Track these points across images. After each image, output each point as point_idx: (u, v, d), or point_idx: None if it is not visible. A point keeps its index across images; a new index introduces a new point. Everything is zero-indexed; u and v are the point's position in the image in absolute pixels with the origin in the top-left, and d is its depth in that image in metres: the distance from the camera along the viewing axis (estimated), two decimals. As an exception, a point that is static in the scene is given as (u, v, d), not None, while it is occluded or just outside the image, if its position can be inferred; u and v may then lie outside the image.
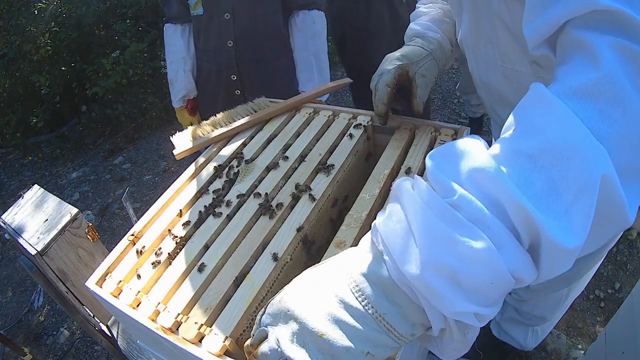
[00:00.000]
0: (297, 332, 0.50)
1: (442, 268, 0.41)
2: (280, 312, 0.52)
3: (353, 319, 0.47)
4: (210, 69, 1.84)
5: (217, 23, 1.72)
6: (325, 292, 0.49)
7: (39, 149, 4.17)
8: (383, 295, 0.47)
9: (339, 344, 0.47)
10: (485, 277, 0.42)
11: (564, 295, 1.54)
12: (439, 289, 0.42)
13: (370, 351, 0.47)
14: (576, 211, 0.41)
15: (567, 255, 0.42)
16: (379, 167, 0.97)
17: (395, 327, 0.47)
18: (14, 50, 4.07)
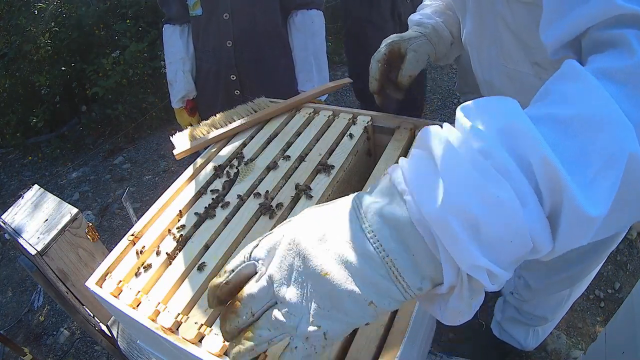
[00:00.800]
0: (297, 270, 0.45)
1: (466, 214, 0.39)
2: (279, 242, 0.48)
3: (362, 261, 0.43)
4: (210, 70, 1.84)
5: (215, 23, 1.72)
6: (334, 231, 0.46)
7: (39, 149, 4.17)
8: (398, 239, 0.43)
9: (343, 286, 0.43)
10: (506, 232, 0.40)
11: (565, 296, 1.54)
12: (460, 235, 0.39)
13: (375, 300, 0.44)
14: (602, 182, 0.40)
15: (588, 224, 0.40)
16: (379, 167, 0.97)
17: (405, 276, 0.43)
18: (14, 50, 4.07)
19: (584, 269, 1.38)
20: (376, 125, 1.13)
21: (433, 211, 0.40)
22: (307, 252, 0.45)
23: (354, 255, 0.44)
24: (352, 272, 0.44)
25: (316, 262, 0.45)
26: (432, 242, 0.42)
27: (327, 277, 0.44)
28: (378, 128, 1.13)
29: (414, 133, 1.06)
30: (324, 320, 0.45)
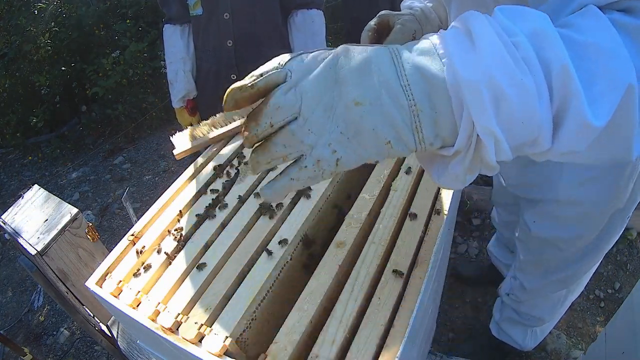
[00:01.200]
0: (331, 92, 0.47)
1: (495, 86, 0.44)
2: (319, 61, 0.49)
3: (392, 105, 0.47)
4: (210, 69, 1.84)
5: (216, 23, 1.72)
6: (372, 70, 0.47)
7: (39, 149, 4.17)
8: (428, 96, 0.47)
9: (370, 120, 0.46)
10: (521, 112, 0.45)
11: (562, 297, 1.54)
12: (485, 100, 0.44)
13: (392, 142, 0.48)
14: (604, 99, 0.46)
15: (589, 131, 0.46)
16: (379, 167, 0.97)
17: (424, 129, 0.48)
18: (14, 50, 4.07)
19: (578, 270, 1.38)
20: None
21: (468, 76, 0.45)
22: (346, 79, 0.47)
23: (387, 98, 0.47)
24: (381, 111, 0.47)
25: (352, 91, 0.47)
26: (457, 105, 0.47)
27: (358, 107, 0.47)
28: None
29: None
30: (341, 147, 0.48)
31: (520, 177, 1.28)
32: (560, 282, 1.44)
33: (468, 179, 0.51)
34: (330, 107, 0.48)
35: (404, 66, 0.47)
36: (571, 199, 1.17)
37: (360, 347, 0.66)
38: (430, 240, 0.81)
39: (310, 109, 0.48)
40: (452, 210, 0.92)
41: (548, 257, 1.35)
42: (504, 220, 1.76)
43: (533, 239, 1.36)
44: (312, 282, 0.77)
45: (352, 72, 0.48)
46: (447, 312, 2.12)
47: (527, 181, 1.26)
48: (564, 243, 1.28)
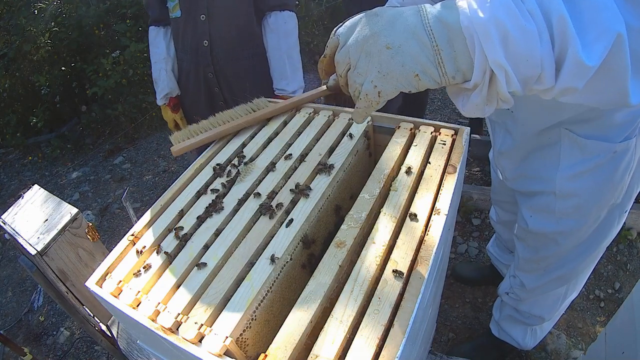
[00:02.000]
0: (367, 42, 0.63)
1: (501, 25, 0.56)
2: (358, 23, 0.66)
3: (417, 46, 0.61)
4: (189, 69, 1.91)
5: (193, 24, 1.79)
6: (402, 21, 0.62)
7: (39, 149, 4.17)
8: (447, 37, 0.60)
9: (399, 58, 0.61)
10: (525, 50, 0.57)
11: (561, 295, 1.54)
12: (494, 37, 0.56)
13: (419, 74, 0.62)
14: (596, 43, 0.55)
15: (585, 70, 0.56)
16: (379, 167, 0.97)
17: (446, 64, 0.61)
18: (14, 50, 4.07)
19: (577, 266, 1.38)
20: (376, 125, 1.13)
21: (480, 20, 0.57)
22: (379, 30, 0.63)
23: (413, 41, 0.61)
24: (408, 52, 0.61)
25: (384, 38, 0.62)
26: (471, 44, 0.59)
27: (389, 50, 0.62)
28: (378, 128, 1.13)
29: (414, 133, 1.06)
30: (380, 82, 0.64)
31: (518, 169, 1.28)
32: (560, 280, 1.44)
33: (487, 109, 0.64)
34: (369, 53, 0.63)
35: (428, 17, 0.61)
36: (567, 190, 1.17)
37: (360, 347, 0.66)
38: (430, 240, 0.81)
39: (355, 58, 0.65)
40: (452, 210, 0.92)
41: (547, 254, 1.36)
42: (502, 219, 1.77)
43: (531, 235, 1.36)
44: (312, 282, 0.77)
45: (384, 24, 0.63)
46: (447, 312, 2.13)
47: (525, 173, 1.26)
48: (561, 237, 1.28)
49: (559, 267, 1.39)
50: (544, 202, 1.24)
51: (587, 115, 1.04)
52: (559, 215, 1.23)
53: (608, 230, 1.29)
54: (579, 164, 1.12)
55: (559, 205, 1.21)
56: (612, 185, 1.14)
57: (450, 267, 2.25)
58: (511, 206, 1.63)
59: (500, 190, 1.64)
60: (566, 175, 1.15)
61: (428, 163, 0.96)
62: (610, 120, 1.03)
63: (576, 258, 1.36)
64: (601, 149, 1.07)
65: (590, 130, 1.06)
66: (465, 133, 1.02)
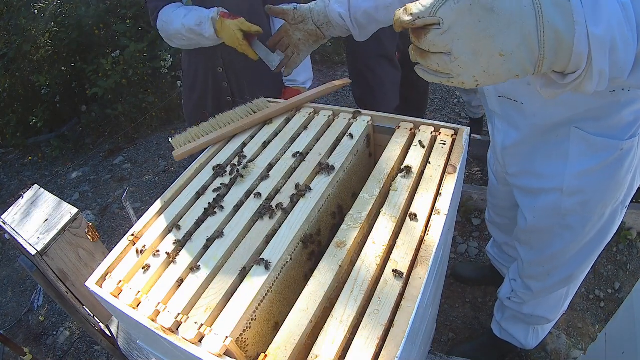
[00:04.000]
0: (480, 43, 0.63)
1: (613, 37, 0.60)
2: (468, 13, 0.62)
3: (527, 55, 0.63)
4: (198, 64, 1.90)
5: None
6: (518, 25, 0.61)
7: (39, 149, 4.17)
8: (555, 47, 0.62)
9: (508, 65, 0.64)
10: (623, 56, 0.62)
11: (563, 294, 1.54)
12: (605, 50, 0.60)
13: (520, 74, 0.65)
14: None
15: None
16: (379, 167, 0.97)
17: (544, 66, 0.64)
18: (14, 50, 4.07)
19: (580, 266, 1.39)
20: (376, 125, 1.13)
21: (597, 32, 0.60)
22: (494, 34, 0.62)
23: (524, 47, 0.62)
24: (518, 59, 0.63)
25: (499, 44, 0.62)
26: (578, 55, 0.61)
27: (501, 58, 0.64)
28: (378, 128, 1.13)
29: (414, 133, 1.06)
30: (482, 78, 0.66)
31: (523, 164, 1.28)
32: (565, 281, 1.45)
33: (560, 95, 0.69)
34: (478, 52, 0.64)
35: (544, 24, 0.61)
36: (575, 187, 1.19)
37: (361, 347, 0.66)
38: (430, 240, 0.81)
39: (460, 52, 0.64)
40: (452, 210, 0.92)
41: (552, 251, 1.36)
42: (495, 221, 1.77)
43: (535, 235, 1.36)
44: (312, 282, 0.77)
45: (501, 26, 0.62)
46: (447, 312, 2.12)
47: (530, 169, 1.26)
48: (567, 232, 1.29)
49: (563, 269, 1.39)
50: (550, 200, 1.25)
51: (596, 113, 1.05)
52: (564, 212, 1.24)
53: (610, 227, 1.30)
54: (588, 162, 1.13)
55: (565, 202, 1.22)
56: (617, 182, 1.16)
57: (450, 267, 2.25)
58: (506, 211, 1.63)
59: (496, 194, 1.63)
60: (574, 172, 1.16)
61: (428, 163, 0.96)
62: (618, 118, 1.05)
63: (580, 258, 1.36)
64: (609, 146, 1.09)
65: (600, 128, 1.08)
66: (465, 133, 1.02)
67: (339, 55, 4.30)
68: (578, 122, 1.10)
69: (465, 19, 0.62)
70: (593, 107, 1.04)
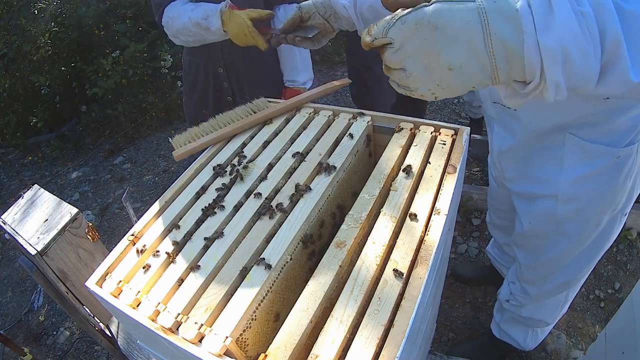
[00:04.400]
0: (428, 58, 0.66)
1: (566, 49, 0.59)
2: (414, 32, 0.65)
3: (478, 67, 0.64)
4: (199, 63, 1.90)
5: None
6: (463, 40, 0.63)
7: (39, 149, 4.17)
8: (506, 59, 0.62)
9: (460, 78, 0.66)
10: (580, 68, 0.61)
11: (562, 299, 1.54)
12: (558, 61, 0.59)
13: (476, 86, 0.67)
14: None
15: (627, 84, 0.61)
16: (379, 167, 0.97)
17: (500, 77, 0.65)
18: (14, 50, 4.07)
19: (578, 273, 1.39)
20: (376, 125, 1.13)
21: (548, 44, 0.59)
22: (439, 49, 0.64)
23: (474, 61, 0.64)
24: (469, 71, 0.65)
25: (446, 59, 0.64)
26: (531, 66, 0.61)
27: (451, 72, 0.66)
28: (378, 128, 1.13)
29: (414, 133, 1.06)
30: (438, 91, 0.70)
31: (519, 169, 1.27)
32: (563, 286, 1.44)
33: (525, 104, 0.69)
34: (429, 68, 0.67)
35: (491, 37, 0.61)
36: (570, 194, 1.17)
37: (361, 347, 0.66)
38: (430, 240, 0.81)
39: (413, 68, 0.68)
40: (452, 210, 0.92)
41: (548, 257, 1.35)
42: (497, 223, 1.77)
43: (531, 240, 1.36)
44: (312, 282, 0.77)
45: (445, 42, 0.64)
46: (447, 312, 2.13)
47: (526, 174, 1.26)
48: (562, 239, 1.28)
49: (560, 275, 1.39)
50: (545, 206, 1.24)
51: (591, 119, 1.03)
52: (559, 218, 1.23)
53: (609, 235, 1.29)
54: (583, 168, 1.12)
55: (561, 209, 1.20)
56: (614, 190, 1.14)
57: (450, 267, 2.25)
58: (506, 214, 1.62)
59: (496, 197, 1.63)
60: (569, 179, 1.15)
61: (428, 163, 0.96)
62: (614, 125, 1.03)
63: (578, 265, 1.35)
64: (605, 153, 1.07)
65: (595, 135, 1.06)
66: (465, 133, 1.02)
67: (339, 55, 4.30)
68: (572, 128, 1.08)
69: (413, 37, 0.65)
70: (586, 113, 1.02)
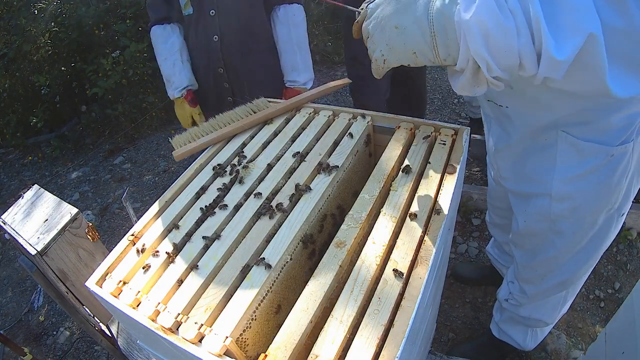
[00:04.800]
0: (383, 20, 0.79)
1: (483, 24, 0.67)
2: (384, 1, 0.80)
3: (419, 31, 0.75)
4: (199, 64, 1.91)
5: (203, 20, 1.81)
6: (412, 9, 0.75)
7: (39, 149, 4.17)
8: (443, 27, 0.73)
9: (402, 37, 0.77)
10: (503, 44, 0.67)
11: (562, 299, 1.54)
12: (476, 34, 0.67)
13: (417, 53, 0.77)
14: (568, 40, 0.65)
15: (555, 63, 0.67)
16: (379, 167, 0.97)
17: (439, 48, 0.75)
18: (14, 50, 4.07)
19: (576, 272, 1.38)
20: (376, 125, 1.13)
21: (466, 18, 0.68)
22: (394, 11, 0.78)
23: (416, 26, 0.75)
24: (411, 33, 0.76)
25: (395, 19, 0.77)
26: (460, 37, 0.70)
27: (396, 30, 0.77)
28: (378, 128, 1.13)
29: (414, 133, 1.06)
30: (386, 53, 0.81)
31: (513, 168, 1.27)
32: (560, 285, 1.44)
33: (476, 90, 0.77)
34: (383, 29, 0.80)
35: (433, 8, 0.73)
36: (563, 193, 1.16)
37: (361, 347, 0.66)
38: (430, 240, 0.81)
39: (373, 31, 0.82)
40: (452, 210, 0.92)
41: (545, 257, 1.35)
42: (496, 222, 1.77)
43: (527, 238, 1.36)
44: (312, 282, 0.77)
45: (400, 7, 0.77)
46: (447, 312, 2.13)
47: (521, 173, 1.25)
48: (557, 238, 1.28)
49: (558, 273, 1.38)
50: (540, 205, 1.23)
51: (583, 117, 1.02)
52: (554, 217, 1.22)
53: (606, 235, 1.28)
54: (576, 167, 1.11)
55: (555, 207, 1.20)
56: (609, 189, 1.13)
57: (450, 267, 2.25)
58: (505, 212, 1.62)
59: (495, 195, 1.63)
60: (563, 177, 1.14)
61: (428, 163, 0.96)
62: (607, 123, 1.02)
63: (575, 264, 1.34)
64: (598, 152, 1.06)
65: (588, 133, 1.05)
66: (465, 133, 1.02)
67: (339, 55, 4.30)
68: (565, 126, 1.07)
69: (383, 4, 0.81)
70: (578, 110, 1.01)
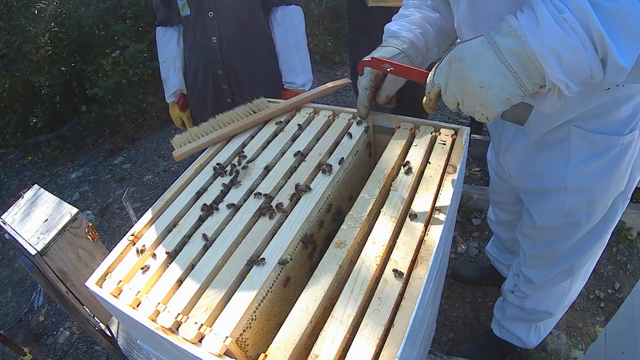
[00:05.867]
0: (463, 83, 0.81)
1: (554, 50, 0.71)
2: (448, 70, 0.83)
3: (502, 78, 0.77)
4: (198, 65, 1.93)
5: (202, 21, 1.82)
6: (482, 61, 0.78)
7: (39, 149, 4.17)
8: (520, 63, 0.76)
9: (491, 92, 0.79)
10: (574, 63, 0.72)
11: (566, 288, 1.54)
12: (550, 61, 0.72)
13: (510, 97, 0.79)
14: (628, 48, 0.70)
15: (622, 70, 0.72)
16: (379, 167, 0.97)
17: (525, 83, 0.77)
18: (14, 50, 4.07)
19: (583, 256, 1.40)
20: (376, 125, 1.13)
21: (537, 49, 0.73)
22: (467, 74, 0.80)
23: (497, 74, 0.78)
24: (497, 84, 0.78)
25: (475, 80, 0.80)
26: (539, 65, 0.74)
27: (482, 89, 0.80)
28: (378, 128, 1.13)
29: (414, 133, 1.06)
30: (484, 110, 0.83)
31: (526, 166, 1.28)
32: (567, 272, 1.45)
33: (558, 105, 0.80)
34: (468, 92, 0.82)
35: (501, 50, 0.76)
36: (578, 185, 1.20)
37: (361, 347, 0.66)
38: (430, 240, 0.81)
39: (460, 96, 0.85)
40: (452, 210, 0.92)
41: (557, 247, 1.37)
42: (502, 219, 1.76)
43: (540, 231, 1.37)
44: (312, 282, 0.77)
45: (470, 67, 0.80)
46: (447, 312, 2.13)
47: (533, 170, 1.27)
48: (572, 229, 1.30)
49: (567, 258, 1.40)
50: (555, 199, 1.26)
51: (595, 111, 1.06)
52: (569, 209, 1.25)
53: (612, 217, 1.31)
54: (589, 159, 1.15)
55: (570, 200, 1.23)
56: (619, 176, 1.18)
57: (450, 267, 2.25)
58: (511, 206, 1.63)
59: (499, 191, 1.63)
60: (577, 170, 1.17)
61: (428, 163, 0.96)
62: (617, 115, 1.06)
63: (583, 247, 1.37)
64: (609, 142, 1.11)
65: (599, 126, 1.09)
66: (465, 133, 1.02)
67: (339, 55, 4.30)
68: (577, 121, 1.10)
69: (450, 74, 0.83)
70: (590, 106, 1.05)
